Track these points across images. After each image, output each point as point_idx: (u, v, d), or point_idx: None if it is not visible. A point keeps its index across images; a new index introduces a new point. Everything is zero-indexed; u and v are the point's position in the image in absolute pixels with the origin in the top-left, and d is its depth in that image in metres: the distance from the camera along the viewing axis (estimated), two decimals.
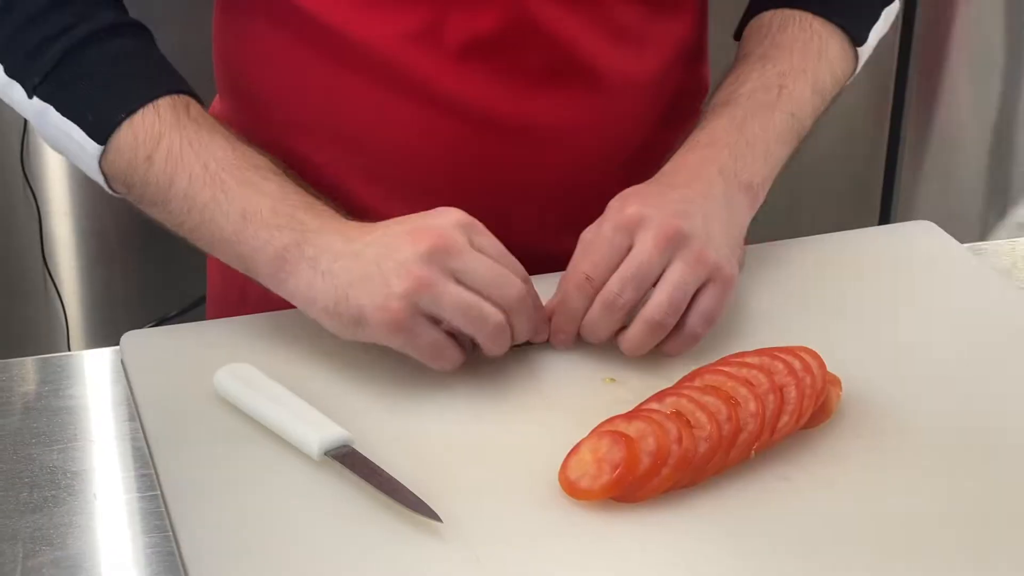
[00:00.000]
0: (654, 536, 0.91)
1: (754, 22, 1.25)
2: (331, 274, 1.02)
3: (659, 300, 1.04)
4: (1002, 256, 1.27)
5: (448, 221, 1.01)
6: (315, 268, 1.02)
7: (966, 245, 1.25)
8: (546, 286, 1.09)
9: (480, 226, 1.03)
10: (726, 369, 1.00)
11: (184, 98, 1.11)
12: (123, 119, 1.09)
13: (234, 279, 1.29)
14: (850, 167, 2.77)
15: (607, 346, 1.08)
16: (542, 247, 1.15)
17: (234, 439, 0.99)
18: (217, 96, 1.29)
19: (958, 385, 1.06)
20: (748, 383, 0.98)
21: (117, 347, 1.11)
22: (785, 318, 1.13)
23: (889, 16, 1.28)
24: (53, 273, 2.48)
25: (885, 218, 2.82)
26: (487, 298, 1.01)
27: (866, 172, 2.79)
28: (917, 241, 1.25)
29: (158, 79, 1.12)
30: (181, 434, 1.00)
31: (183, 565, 0.90)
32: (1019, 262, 1.26)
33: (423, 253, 0.99)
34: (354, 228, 1.04)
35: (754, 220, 1.15)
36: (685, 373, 1.02)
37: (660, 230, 1.04)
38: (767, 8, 1.24)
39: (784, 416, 0.97)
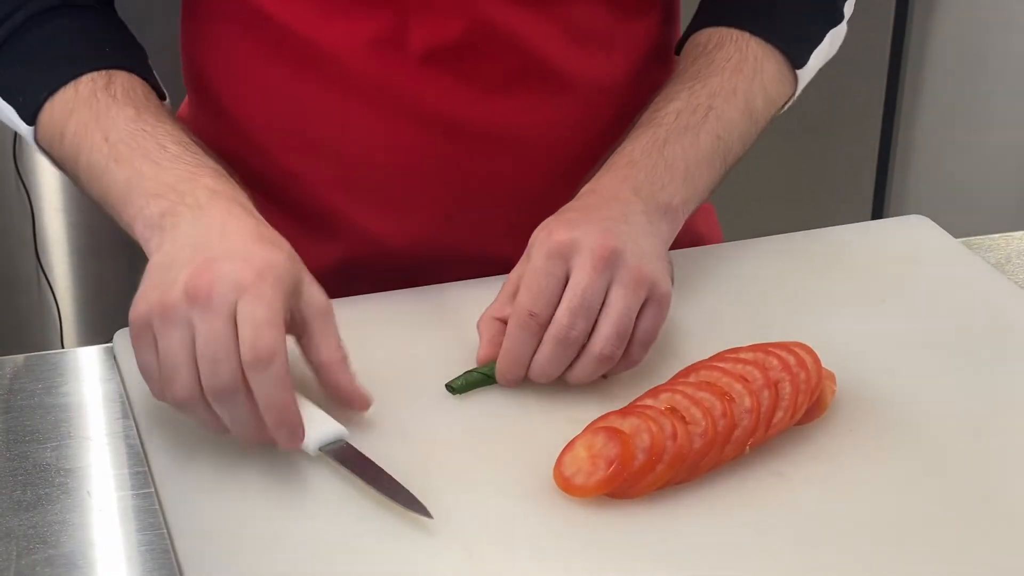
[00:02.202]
0: (648, 532, 0.91)
1: (692, 39, 1.22)
2: (157, 254, 0.98)
3: (606, 334, 1.01)
4: (995, 250, 1.27)
5: (239, 268, 0.92)
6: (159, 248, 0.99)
7: (959, 239, 1.25)
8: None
9: (262, 288, 0.92)
10: (721, 365, 1.00)
11: (108, 73, 1.10)
12: (45, 98, 1.09)
13: None
14: (842, 161, 2.77)
15: None
16: (510, 252, 1.12)
17: (227, 436, 0.99)
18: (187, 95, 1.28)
19: (953, 380, 1.06)
20: (743, 379, 0.98)
21: (110, 344, 1.11)
22: (779, 313, 1.13)
23: (835, 38, 1.24)
24: (46, 269, 2.48)
25: (878, 212, 2.82)
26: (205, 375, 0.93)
27: (859, 166, 2.79)
28: (910, 235, 1.25)
29: (87, 57, 1.11)
30: (174, 431, 1.00)
31: (177, 562, 0.90)
32: (1012, 256, 1.26)
33: (184, 287, 0.92)
34: (216, 215, 0.98)
35: (746, 216, 1.15)
36: (679, 369, 1.02)
37: (595, 252, 1.01)
38: (708, 25, 1.21)
39: (779, 412, 0.97)
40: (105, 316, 2.52)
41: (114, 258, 2.51)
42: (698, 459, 0.94)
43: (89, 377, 1.10)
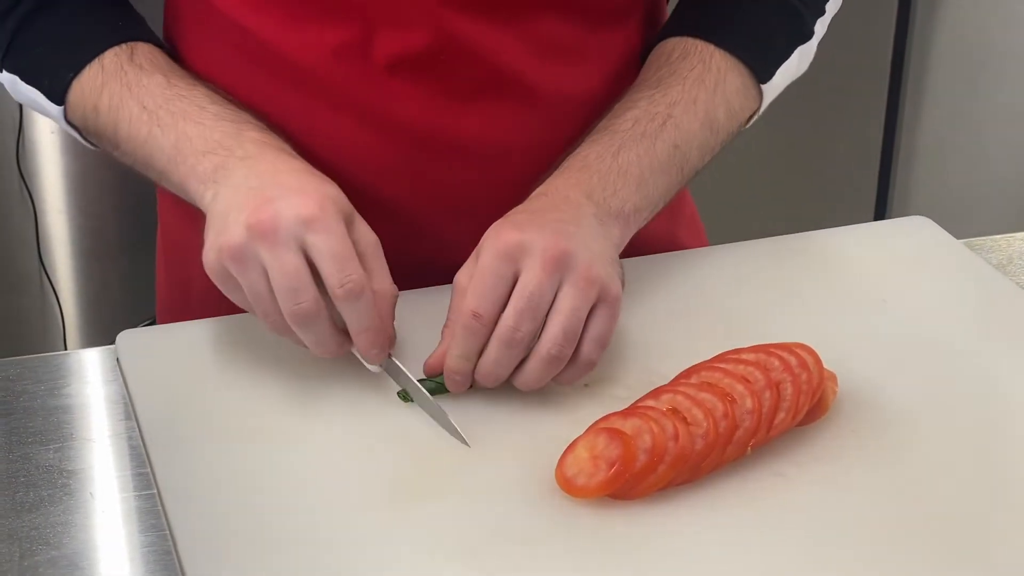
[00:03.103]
0: (650, 533, 0.91)
1: (657, 49, 1.20)
2: (214, 204, 1.03)
3: (554, 333, 0.99)
4: (997, 251, 1.27)
5: (299, 202, 0.98)
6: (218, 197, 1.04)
7: (961, 240, 1.25)
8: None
9: (327, 220, 0.98)
10: (722, 366, 1.00)
11: (129, 46, 1.14)
12: (72, 79, 1.13)
13: (177, 281, 1.29)
14: (845, 162, 2.77)
15: None
16: None
17: (230, 437, 0.99)
18: None
19: (954, 381, 1.06)
20: (744, 380, 0.98)
21: (113, 346, 1.11)
22: (781, 314, 1.13)
23: (804, 55, 1.22)
24: (49, 271, 2.48)
25: (880, 213, 2.82)
26: (281, 302, 0.99)
27: (861, 167, 2.79)
28: (913, 236, 1.25)
29: (104, 35, 1.15)
30: (177, 433, 1.00)
31: (179, 564, 0.90)
32: (1014, 257, 1.26)
33: (247, 226, 0.98)
34: (267, 162, 1.04)
35: (748, 216, 1.15)
36: (681, 370, 1.02)
37: (546, 253, 1.00)
38: (674, 35, 1.20)
39: (780, 413, 0.97)
40: (108, 318, 2.52)
41: (117, 260, 2.51)
42: (700, 460, 0.94)
43: (92, 379, 1.11)
